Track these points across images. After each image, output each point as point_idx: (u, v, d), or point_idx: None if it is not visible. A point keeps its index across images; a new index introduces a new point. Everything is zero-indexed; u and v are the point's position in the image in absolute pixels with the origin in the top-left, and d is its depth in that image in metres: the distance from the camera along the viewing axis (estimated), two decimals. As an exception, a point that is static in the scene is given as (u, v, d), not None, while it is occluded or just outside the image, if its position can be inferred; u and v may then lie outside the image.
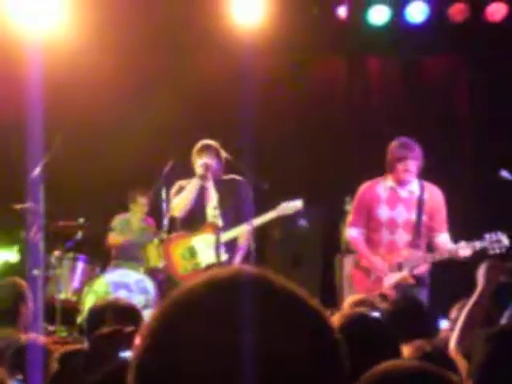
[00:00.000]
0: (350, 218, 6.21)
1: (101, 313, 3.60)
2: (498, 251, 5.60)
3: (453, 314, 4.29)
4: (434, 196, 5.93)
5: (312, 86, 9.13)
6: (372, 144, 9.08)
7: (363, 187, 5.99)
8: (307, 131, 8.94)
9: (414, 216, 5.83)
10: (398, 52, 9.14)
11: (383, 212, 5.85)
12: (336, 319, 2.29)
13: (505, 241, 5.63)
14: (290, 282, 1.01)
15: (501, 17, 8.78)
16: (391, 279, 5.75)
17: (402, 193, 5.86)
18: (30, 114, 6.62)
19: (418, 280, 5.79)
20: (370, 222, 5.88)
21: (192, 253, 6.41)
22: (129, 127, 8.40)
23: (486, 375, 1.93)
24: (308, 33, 8.79)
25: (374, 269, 5.80)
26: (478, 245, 5.63)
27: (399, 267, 5.78)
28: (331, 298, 7.71)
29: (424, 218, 5.84)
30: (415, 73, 9.32)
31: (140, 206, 8.07)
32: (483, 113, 8.97)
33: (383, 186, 5.91)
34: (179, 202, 6.47)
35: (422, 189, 5.87)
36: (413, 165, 5.79)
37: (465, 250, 5.63)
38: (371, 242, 5.88)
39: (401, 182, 5.82)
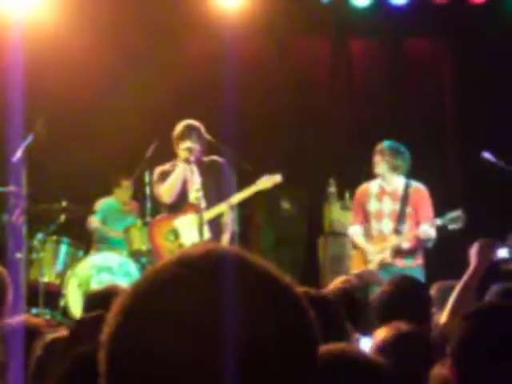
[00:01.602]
0: (351, 218, 6.90)
1: (100, 299, 3.55)
2: (455, 227, 6.18)
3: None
4: (418, 191, 6.52)
5: (296, 68, 9.11)
6: (356, 126, 9.10)
7: (359, 188, 6.73)
8: (291, 113, 8.93)
9: (397, 207, 6.49)
10: (382, 34, 9.13)
11: (373, 205, 6.56)
12: None
13: (462, 217, 6.16)
14: (264, 261, 1.00)
15: (484, -2, 8.80)
16: (375, 260, 6.47)
17: (388, 188, 6.55)
18: (11, 96, 6.56)
19: (407, 271, 6.20)
20: (365, 216, 6.61)
21: (175, 234, 6.42)
22: (112, 109, 8.34)
23: (463, 354, 1.95)
24: (291, 15, 8.77)
25: (366, 253, 6.59)
26: (438, 222, 6.26)
27: (382, 251, 6.47)
28: (314, 279, 7.74)
29: (408, 209, 6.48)
30: (399, 54, 9.32)
31: (124, 189, 8.02)
32: (466, 94, 8.99)
33: (374, 184, 6.61)
34: (168, 187, 6.39)
35: (406, 185, 6.51)
36: None
37: (426, 229, 6.29)
38: (367, 233, 6.64)
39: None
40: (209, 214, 6.24)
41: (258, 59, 8.77)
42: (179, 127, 6.38)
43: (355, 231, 6.68)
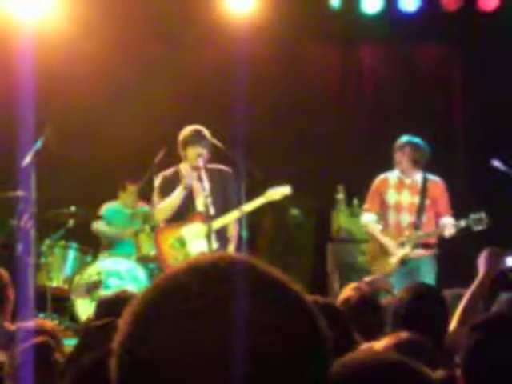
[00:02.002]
0: (365, 205, 6.91)
1: (110, 305, 3.56)
2: (480, 228, 6.31)
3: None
4: (436, 184, 6.71)
5: (305, 75, 9.12)
6: (366, 132, 9.09)
7: (378, 178, 6.82)
8: (301, 119, 8.93)
9: (416, 200, 6.62)
10: (391, 41, 9.13)
11: (391, 196, 6.68)
12: None
13: (486, 219, 6.29)
14: (273, 268, 1.01)
15: (494, 6, 8.79)
16: (397, 254, 6.54)
17: (407, 180, 6.70)
18: (21, 103, 6.59)
19: (422, 261, 6.56)
20: (381, 205, 6.72)
21: (181, 243, 6.34)
22: (121, 115, 8.37)
23: (471, 365, 1.95)
24: (301, 21, 8.77)
25: (385, 246, 6.65)
26: (462, 223, 6.37)
27: (402, 245, 6.56)
28: (322, 286, 7.73)
29: (427, 202, 6.62)
30: (408, 61, 9.32)
31: (129, 193, 8.01)
32: (475, 100, 8.98)
33: (393, 175, 6.75)
34: (163, 209, 6.30)
35: (424, 179, 6.69)
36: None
37: (449, 229, 6.39)
38: (382, 222, 6.75)
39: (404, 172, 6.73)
40: (216, 224, 6.18)
41: (267, 67, 8.78)
42: (187, 132, 6.27)
43: (370, 219, 6.72)
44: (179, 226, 6.35)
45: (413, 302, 3.36)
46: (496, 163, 6.76)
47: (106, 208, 8.01)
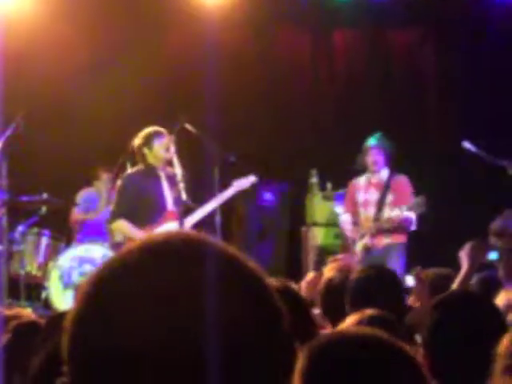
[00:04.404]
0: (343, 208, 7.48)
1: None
2: (419, 211, 6.69)
3: (409, 281, 4.34)
4: (399, 181, 7.06)
5: (278, 58, 9.11)
6: (338, 117, 9.11)
7: (350, 183, 7.29)
8: (273, 105, 8.93)
9: (380, 195, 7.05)
10: (364, 24, 9.13)
11: (361, 196, 7.14)
12: None
13: (424, 203, 6.60)
14: (229, 246, 1.00)
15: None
16: (359, 246, 7.00)
17: (373, 179, 7.12)
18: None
19: (388, 249, 6.92)
20: (353, 206, 7.17)
21: None
22: (93, 102, 8.30)
23: (433, 341, 1.98)
24: (272, 7, 8.76)
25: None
26: (404, 208, 6.75)
27: (362, 237, 7.00)
28: (297, 270, 7.76)
29: (390, 197, 7.01)
30: (380, 45, 9.33)
31: (103, 182, 7.99)
32: (449, 83, 9.03)
33: (363, 177, 7.17)
34: (121, 230, 6.44)
35: (390, 176, 7.05)
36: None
37: (395, 212, 6.83)
38: (356, 221, 7.17)
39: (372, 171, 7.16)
40: (193, 218, 6.17)
41: (239, 52, 8.76)
42: (148, 131, 6.22)
43: (345, 220, 7.25)
44: (151, 230, 6.25)
45: (362, 281, 3.42)
46: (467, 145, 6.79)
47: (82, 194, 7.98)
